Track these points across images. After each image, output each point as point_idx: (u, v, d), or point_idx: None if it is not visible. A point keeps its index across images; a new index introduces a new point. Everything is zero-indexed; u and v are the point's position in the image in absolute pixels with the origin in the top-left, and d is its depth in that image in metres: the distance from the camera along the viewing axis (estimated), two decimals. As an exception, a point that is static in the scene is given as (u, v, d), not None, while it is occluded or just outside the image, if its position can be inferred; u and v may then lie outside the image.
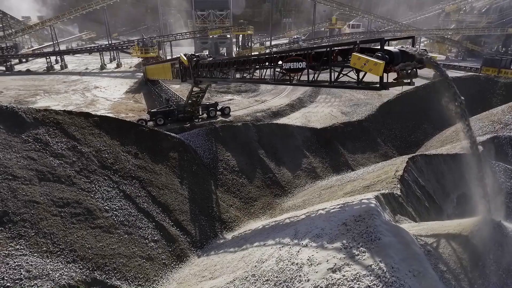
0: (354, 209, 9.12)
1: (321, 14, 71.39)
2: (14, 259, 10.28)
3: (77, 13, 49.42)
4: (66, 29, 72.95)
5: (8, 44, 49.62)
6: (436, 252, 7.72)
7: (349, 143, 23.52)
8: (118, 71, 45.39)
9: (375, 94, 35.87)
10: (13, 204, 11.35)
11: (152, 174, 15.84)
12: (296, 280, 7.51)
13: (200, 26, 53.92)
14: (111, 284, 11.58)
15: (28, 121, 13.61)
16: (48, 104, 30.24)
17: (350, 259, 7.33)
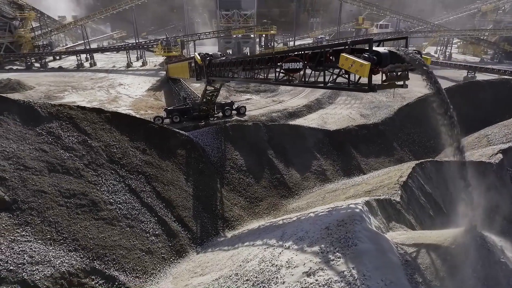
0: (340, 213, 8.90)
1: (348, 14, 70.00)
2: (19, 244, 10.93)
3: (107, 13, 51.52)
4: (99, 28, 76.23)
5: (44, 43, 52.61)
6: (414, 262, 7.39)
7: (363, 146, 22.94)
8: (143, 69, 46.85)
9: (398, 96, 34.79)
10: (23, 192, 12.06)
11: (158, 170, 16.25)
12: (273, 282, 7.48)
13: (224, 25, 54.55)
14: (109, 274, 12.02)
15: (43, 115, 14.39)
16: (74, 99, 31.77)
17: (325, 263, 7.19)
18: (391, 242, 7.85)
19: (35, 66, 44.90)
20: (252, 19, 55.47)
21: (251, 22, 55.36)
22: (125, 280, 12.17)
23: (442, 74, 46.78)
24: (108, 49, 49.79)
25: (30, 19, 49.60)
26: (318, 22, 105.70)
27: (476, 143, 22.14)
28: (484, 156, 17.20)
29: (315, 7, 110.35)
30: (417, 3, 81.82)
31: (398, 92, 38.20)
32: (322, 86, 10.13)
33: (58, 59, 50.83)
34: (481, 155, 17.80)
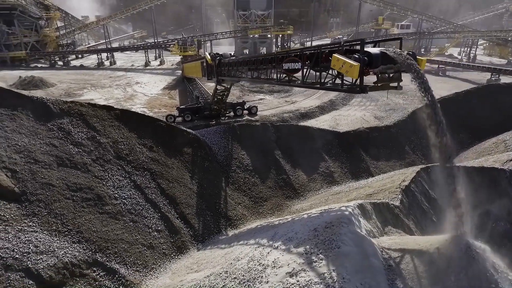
0: (330, 215, 8.81)
1: (367, 14, 68.80)
2: (26, 234, 11.43)
3: (127, 13, 52.91)
4: (121, 28, 78.36)
5: (67, 42, 54.61)
6: (397, 267, 7.22)
7: (373, 149, 22.53)
8: (160, 68, 47.81)
9: (415, 99, 33.94)
10: (32, 185, 12.60)
11: (164, 167, 16.57)
12: (258, 281, 7.51)
13: (241, 25, 54.83)
14: (110, 266, 12.38)
15: (54, 111, 14.97)
16: (92, 97, 32.83)
17: (307, 265, 7.16)
18: (377, 246, 7.71)
19: (58, 64, 46.67)
20: (269, 19, 55.46)
21: (268, 22, 55.38)
22: (125, 273, 12.50)
23: (464, 77, 45.27)
24: (127, 48, 51.12)
25: (55, 19, 51.61)
26: (338, 22, 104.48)
27: (493, 149, 21.33)
28: (498, 162, 16.55)
29: (336, 7, 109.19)
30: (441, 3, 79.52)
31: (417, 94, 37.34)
32: (315, 87, 10.06)
33: (80, 57, 52.62)
34: (495, 160, 17.14)
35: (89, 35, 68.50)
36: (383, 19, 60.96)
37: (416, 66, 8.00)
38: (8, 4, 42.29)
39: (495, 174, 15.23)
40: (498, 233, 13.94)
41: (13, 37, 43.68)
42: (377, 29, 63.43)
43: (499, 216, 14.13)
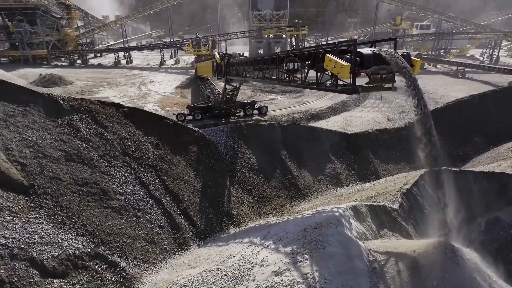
0: (321, 216, 8.76)
1: (385, 14, 67.57)
2: (32, 225, 11.88)
3: (144, 13, 53.95)
4: (139, 27, 79.93)
5: (87, 41, 56.18)
6: (381, 270, 7.10)
7: (382, 151, 22.16)
8: (175, 67, 48.53)
9: (431, 101, 33.18)
10: (40, 178, 13.08)
11: (169, 164, 16.84)
12: (245, 279, 7.57)
13: (256, 25, 54.92)
14: (111, 260, 12.70)
15: (65, 107, 15.48)
16: (107, 94, 33.69)
17: (293, 264, 7.16)
18: (363, 248, 7.62)
19: (77, 63, 48.10)
20: (284, 19, 55.32)
21: (283, 22, 55.25)
22: (126, 267, 12.79)
23: (485, 79, 43.89)
24: (143, 48, 52.13)
25: (76, 19, 53.17)
26: (356, 22, 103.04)
27: (508, 154, 20.58)
28: (510, 168, 15.98)
29: (354, 6, 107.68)
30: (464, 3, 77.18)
31: (433, 96, 36.37)
32: (311, 87, 10.01)
33: (99, 56, 54.03)
34: (507, 166, 16.54)
35: (109, 34, 70.26)
36: (401, 19, 59.67)
37: (408, 68, 7.80)
38: (31, 4, 43.90)
39: (506, 180, 14.71)
40: (506, 241, 13.49)
41: (35, 36, 45.31)
42: (395, 29, 62.16)
43: (509, 223, 13.65)
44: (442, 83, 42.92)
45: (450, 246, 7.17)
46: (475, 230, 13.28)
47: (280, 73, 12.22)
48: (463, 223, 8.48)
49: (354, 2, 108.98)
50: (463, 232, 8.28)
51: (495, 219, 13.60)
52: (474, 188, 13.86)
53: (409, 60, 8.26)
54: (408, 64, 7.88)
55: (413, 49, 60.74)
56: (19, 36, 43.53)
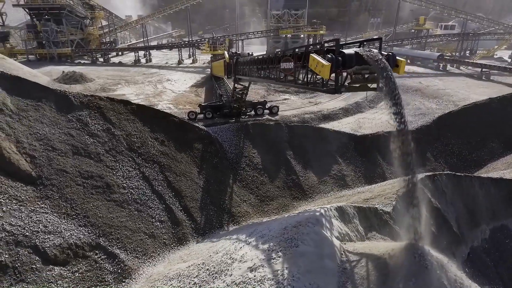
0: (304, 216, 8.75)
1: (409, 14, 65.76)
2: (37, 215, 12.51)
3: (164, 12, 55.11)
4: (161, 27, 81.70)
5: (110, 39, 58.00)
6: (351, 271, 7.01)
7: (390, 154, 21.64)
8: (192, 66, 49.24)
9: (449, 104, 32.10)
10: (47, 170, 13.74)
11: (173, 161, 17.22)
12: (224, 273, 7.70)
13: (274, 25, 54.87)
14: (111, 251, 13.17)
15: (75, 103, 16.14)
16: (124, 92, 34.65)
17: (267, 261, 7.23)
18: (338, 248, 7.56)
19: (99, 61, 49.72)
20: (303, 19, 54.96)
21: (301, 22, 54.91)
22: (124, 259, 13.23)
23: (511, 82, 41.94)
24: (161, 47, 53.24)
25: (99, 18, 54.99)
26: (379, 22, 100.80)
27: (524, 160, 19.73)
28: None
29: (377, 6, 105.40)
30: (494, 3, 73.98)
31: (453, 99, 35.13)
32: (299, 86, 10.00)
33: (120, 55, 55.62)
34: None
35: (131, 33, 72.23)
36: (424, 19, 57.87)
37: (387, 69, 7.59)
38: (58, 5, 45.84)
39: None
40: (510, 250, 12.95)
41: (61, 35, 47.24)
42: (417, 29, 60.35)
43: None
44: (464, 85, 41.31)
45: (420, 250, 7.01)
46: (478, 237, 12.82)
47: (278, 72, 12.26)
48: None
49: (378, 2, 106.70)
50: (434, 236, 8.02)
51: (501, 227, 13.10)
52: (480, 194, 13.36)
53: (394, 61, 8.10)
54: (388, 65, 7.68)
55: (436, 50, 58.81)
56: (46, 35, 45.56)
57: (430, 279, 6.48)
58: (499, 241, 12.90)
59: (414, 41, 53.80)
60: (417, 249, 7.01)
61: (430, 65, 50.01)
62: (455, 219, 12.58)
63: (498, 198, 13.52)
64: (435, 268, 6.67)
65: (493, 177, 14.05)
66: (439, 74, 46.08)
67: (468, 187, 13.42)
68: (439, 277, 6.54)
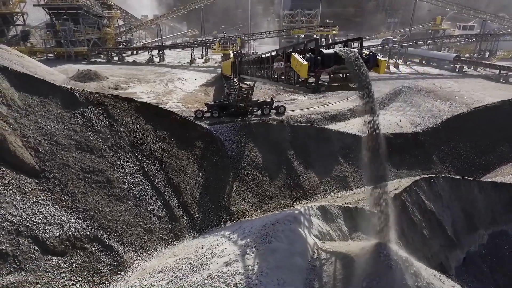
0: (285, 213, 8.81)
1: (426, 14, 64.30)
2: (38, 206, 13.03)
3: (178, 12, 55.93)
4: (176, 27, 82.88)
5: (126, 39, 59.31)
6: (320, 268, 7.01)
7: (395, 156, 21.36)
8: (204, 66, 49.76)
9: (463, 106, 31.29)
10: (51, 164, 14.28)
11: (174, 158, 17.54)
12: (203, 267, 7.87)
13: (286, 25, 54.81)
14: (108, 244, 13.56)
15: (80, 100, 16.69)
16: (135, 90, 35.43)
17: (241, 256, 7.35)
18: (310, 246, 7.58)
19: (114, 60, 50.94)
20: (316, 19, 54.66)
21: (314, 22, 54.62)
22: (121, 252, 13.59)
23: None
24: (174, 46, 54.01)
25: (116, 18, 56.33)
26: (396, 22, 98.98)
27: (535, 165, 19.06)
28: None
29: (394, 6, 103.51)
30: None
31: (467, 101, 34.15)
32: (285, 85, 10.05)
33: (135, 54, 56.76)
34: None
35: (147, 33, 73.62)
36: (441, 19, 56.48)
37: (361, 69, 7.48)
38: (75, 4, 47.29)
39: None
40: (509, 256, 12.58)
41: (78, 34, 48.72)
42: (434, 29, 58.95)
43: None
44: (480, 87, 40.13)
45: (386, 250, 6.95)
46: (475, 242, 12.53)
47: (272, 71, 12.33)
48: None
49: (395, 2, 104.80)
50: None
51: (501, 233, 12.77)
52: (479, 198, 13.04)
53: (375, 60, 8.03)
54: (360, 63, 7.54)
55: (454, 51, 57.30)
56: (64, 34, 47.09)
57: (393, 279, 6.43)
58: (498, 247, 12.56)
59: (430, 41, 52.53)
60: (383, 249, 6.96)
61: (446, 66, 48.83)
62: (451, 223, 12.33)
63: (498, 203, 13.16)
64: (400, 268, 6.61)
65: (493, 182, 13.71)
66: (454, 76, 44.91)
67: (466, 191, 13.11)
68: (403, 278, 6.48)
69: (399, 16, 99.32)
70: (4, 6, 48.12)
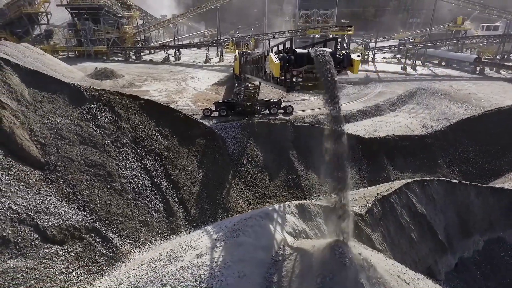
0: (261, 210, 8.93)
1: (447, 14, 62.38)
2: (41, 197, 13.71)
3: (195, 12, 56.81)
4: (194, 26, 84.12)
5: (145, 38, 60.78)
6: (281, 263, 7.08)
7: (399, 159, 20.99)
8: (218, 65, 50.31)
9: (479, 109, 30.31)
10: (55, 157, 14.97)
11: (174, 154, 17.96)
12: (178, 259, 8.13)
13: (302, 25, 54.56)
14: (105, 235, 14.10)
15: (86, 97, 17.38)
16: (148, 89, 36.33)
17: (211, 249, 7.56)
18: (277, 242, 7.68)
19: (131, 59, 52.33)
20: (332, 19, 54.13)
21: (330, 22, 54.13)
22: (117, 243, 14.10)
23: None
24: (189, 45, 54.88)
25: (135, 17, 57.82)
26: (419, 22, 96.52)
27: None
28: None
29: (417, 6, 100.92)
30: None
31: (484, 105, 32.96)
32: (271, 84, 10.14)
33: (152, 52, 58.10)
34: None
35: (165, 32, 75.14)
36: (462, 19, 54.65)
37: (329, 67, 7.42)
38: (96, 4, 48.97)
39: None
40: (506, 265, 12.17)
41: (98, 33, 50.41)
42: (455, 30, 57.12)
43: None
44: (500, 90, 38.62)
45: (341, 248, 6.95)
46: (470, 248, 12.21)
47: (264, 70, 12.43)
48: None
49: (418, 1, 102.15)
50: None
51: (498, 239, 12.38)
52: (476, 203, 12.69)
53: (349, 60, 8.00)
54: (328, 61, 7.47)
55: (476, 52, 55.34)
56: (84, 33, 48.85)
57: (346, 277, 6.44)
58: (493, 254, 12.18)
59: (449, 42, 50.95)
60: (340, 247, 6.97)
61: (466, 68, 47.30)
62: (444, 228, 12.06)
63: (497, 208, 12.74)
64: (354, 266, 6.60)
65: (492, 187, 13.27)
66: (474, 78, 43.44)
67: (462, 196, 12.76)
68: (357, 275, 6.47)
69: (421, 16, 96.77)
70: (30, 6, 50.33)
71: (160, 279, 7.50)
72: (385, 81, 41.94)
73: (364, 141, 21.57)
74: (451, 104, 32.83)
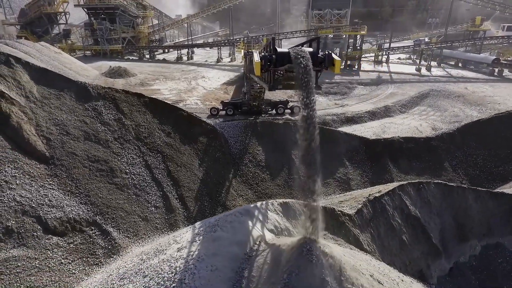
0: (242, 207, 9.03)
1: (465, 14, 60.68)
2: (44, 190, 14.25)
3: (208, 12, 57.37)
4: (208, 26, 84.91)
5: (159, 37, 61.83)
6: (254, 258, 7.15)
7: (404, 161, 20.65)
8: (229, 65, 50.64)
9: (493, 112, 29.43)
10: (60, 152, 15.52)
11: (176, 152, 18.28)
12: (163, 253, 8.34)
13: (315, 25, 54.16)
14: (105, 229, 14.51)
15: (93, 94, 17.92)
16: (159, 87, 36.98)
17: (191, 243, 7.72)
18: (253, 238, 7.77)
19: (145, 58, 53.34)
20: (345, 19, 53.51)
21: (344, 22, 53.52)
22: (116, 237, 14.49)
23: None
24: (201, 45, 55.48)
25: (150, 17, 58.89)
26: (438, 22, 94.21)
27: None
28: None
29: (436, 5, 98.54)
30: None
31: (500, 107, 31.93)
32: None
33: (166, 52, 59.03)
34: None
35: (180, 32, 76.15)
36: (480, 19, 52.94)
37: (306, 65, 7.40)
38: (112, 4, 50.19)
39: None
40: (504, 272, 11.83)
41: (113, 33, 51.65)
42: (474, 30, 55.41)
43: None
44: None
45: (309, 245, 6.97)
46: (466, 252, 11.95)
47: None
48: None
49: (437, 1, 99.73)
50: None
51: (496, 245, 12.06)
52: (474, 207, 12.40)
53: (330, 60, 7.98)
54: (305, 61, 7.45)
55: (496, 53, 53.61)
56: (100, 32, 50.17)
57: (312, 273, 6.46)
58: (491, 260, 11.87)
59: (466, 43, 49.55)
60: (307, 244, 6.99)
61: (484, 70, 45.93)
62: (439, 231, 11.84)
63: (496, 213, 12.41)
64: (321, 263, 6.61)
65: (492, 191, 12.91)
66: (491, 80, 42.18)
67: (460, 199, 12.48)
68: (322, 271, 6.47)
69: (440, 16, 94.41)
70: (49, 6, 52.06)
71: (143, 271, 7.75)
72: (398, 82, 41.23)
73: (369, 142, 21.31)
74: (465, 107, 32.01)
